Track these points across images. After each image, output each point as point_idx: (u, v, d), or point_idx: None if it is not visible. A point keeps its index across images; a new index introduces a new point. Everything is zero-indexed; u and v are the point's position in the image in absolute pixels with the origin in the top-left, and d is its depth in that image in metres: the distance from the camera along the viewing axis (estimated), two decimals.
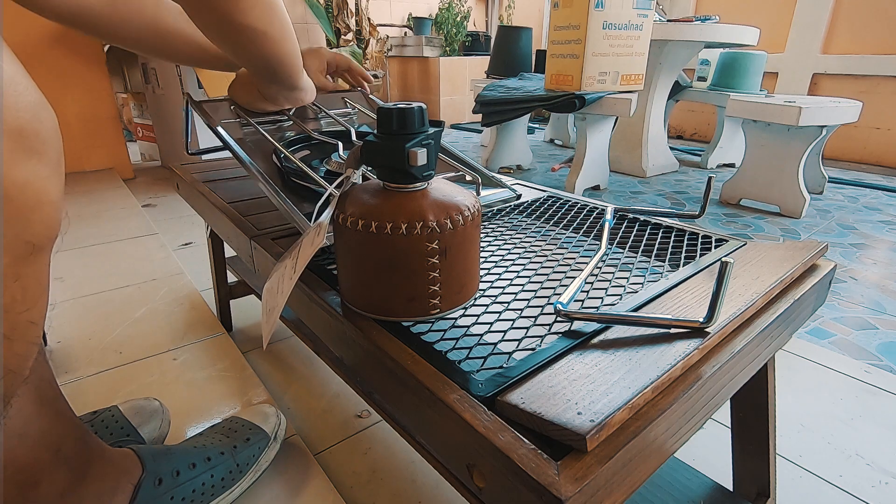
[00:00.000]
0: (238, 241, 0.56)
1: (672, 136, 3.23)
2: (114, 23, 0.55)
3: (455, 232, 0.35)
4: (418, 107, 0.34)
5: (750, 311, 0.36)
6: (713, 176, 0.49)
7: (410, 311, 0.36)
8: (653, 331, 0.33)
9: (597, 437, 0.24)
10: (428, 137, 0.35)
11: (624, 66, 1.74)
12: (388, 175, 0.35)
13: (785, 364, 0.88)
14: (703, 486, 0.54)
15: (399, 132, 0.34)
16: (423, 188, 0.36)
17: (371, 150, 0.35)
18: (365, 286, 0.36)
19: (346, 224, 0.35)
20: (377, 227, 0.33)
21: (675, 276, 0.43)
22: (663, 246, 0.50)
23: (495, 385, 0.29)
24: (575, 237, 0.53)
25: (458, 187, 0.38)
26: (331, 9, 3.22)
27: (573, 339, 0.33)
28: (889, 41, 2.42)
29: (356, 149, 0.37)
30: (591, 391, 0.27)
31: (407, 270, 0.34)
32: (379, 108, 0.34)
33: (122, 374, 0.79)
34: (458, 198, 0.36)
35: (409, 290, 0.35)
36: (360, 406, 0.75)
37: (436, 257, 0.34)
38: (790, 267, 0.42)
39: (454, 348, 0.33)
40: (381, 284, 0.35)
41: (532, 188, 0.70)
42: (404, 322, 0.36)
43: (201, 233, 1.44)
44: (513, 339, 0.34)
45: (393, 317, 0.36)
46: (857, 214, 1.78)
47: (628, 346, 0.32)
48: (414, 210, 0.34)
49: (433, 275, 0.35)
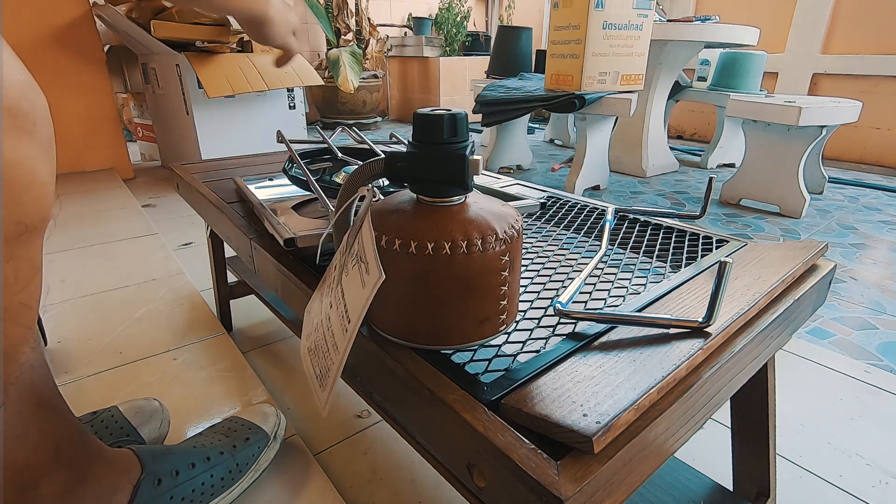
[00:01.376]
0: (238, 241, 0.56)
1: (672, 136, 3.23)
2: None
3: (516, 241, 0.32)
4: (464, 113, 0.31)
5: (752, 311, 0.36)
6: (714, 176, 0.49)
7: (482, 333, 0.33)
8: (655, 331, 0.33)
9: (603, 440, 0.24)
10: (472, 144, 0.32)
11: (624, 66, 1.74)
12: (433, 189, 0.32)
13: (785, 364, 0.88)
14: (703, 485, 0.54)
15: (451, 140, 0.31)
16: (463, 201, 0.33)
17: (414, 161, 0.31)
18: (425, 316, 0.32)
19: (401, 250, 0.30)
20: (451, 247, 0.30)
21: (677, 277, 0.43)
22: (664, 247, 0.50)
23: (501, 388, 0.29)
24: (576, 238, 0.53)
25: (485, 196, 0.35)
26: (331, 9, 3.22)
27: (577, 341, 0.33)
28: (889, 41, 2.42)
29: (370, 163, 0.33)
30: (595, 393, 0.27)
31: (482, 289, 0.31)
32: (422, 115, 0.31)
33: (121, 374, 0.79)
34: (501, 207, 0.33)
35: (483, 310, 0.32)
36: (361, 406, 0.75)
37: (506, 271, 0.32)
38: (791, 267, 0.42)
39: (457, 350, 0.33)
40: (452, 310, 0.31)
41: (532, 188, 0.70)
42: (445, 350, 0.33)
43: (201, 233, 1.44)
44: (516, 340, 0.34)
45: (456, 343, 0.33)
46: (857, 214, 1.78)
47: (632, 348, 0.32)
48: (482, 224, 0.31)
49: (503, 289, 0.32)
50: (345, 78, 2.94)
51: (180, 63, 1.73)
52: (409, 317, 0.32)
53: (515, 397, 0.28)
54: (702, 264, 0.45)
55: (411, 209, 0.32)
